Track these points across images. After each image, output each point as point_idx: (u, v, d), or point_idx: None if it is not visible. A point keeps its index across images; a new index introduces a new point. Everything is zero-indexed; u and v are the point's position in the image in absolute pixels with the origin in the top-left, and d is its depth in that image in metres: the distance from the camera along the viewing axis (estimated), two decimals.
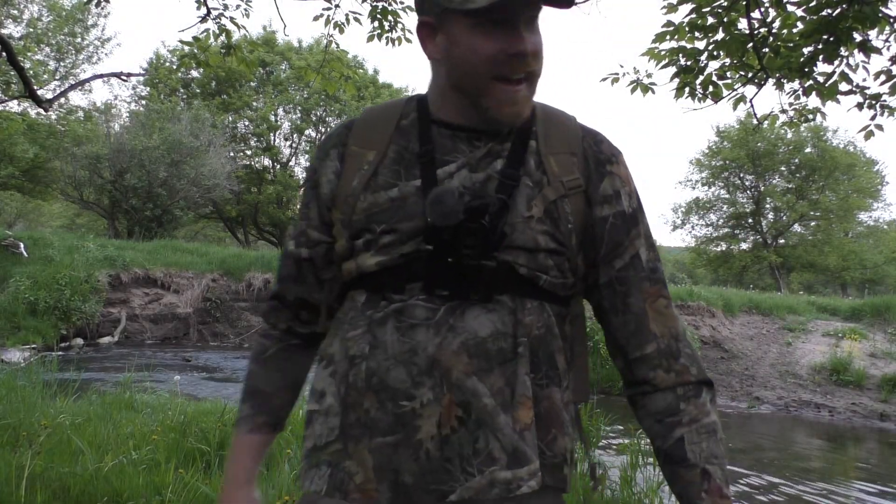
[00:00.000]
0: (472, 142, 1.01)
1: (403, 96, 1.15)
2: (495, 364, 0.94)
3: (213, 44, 5.44)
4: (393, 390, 0.94)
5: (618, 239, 1.04)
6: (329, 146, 1.09)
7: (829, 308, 14.99)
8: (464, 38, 0.96)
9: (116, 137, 22.63)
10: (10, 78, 15.36)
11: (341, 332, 1.03)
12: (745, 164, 29.39)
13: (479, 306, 0.95)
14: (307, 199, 1.11)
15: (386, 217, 0.99)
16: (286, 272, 1.13)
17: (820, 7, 3.74)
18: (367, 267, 0.99)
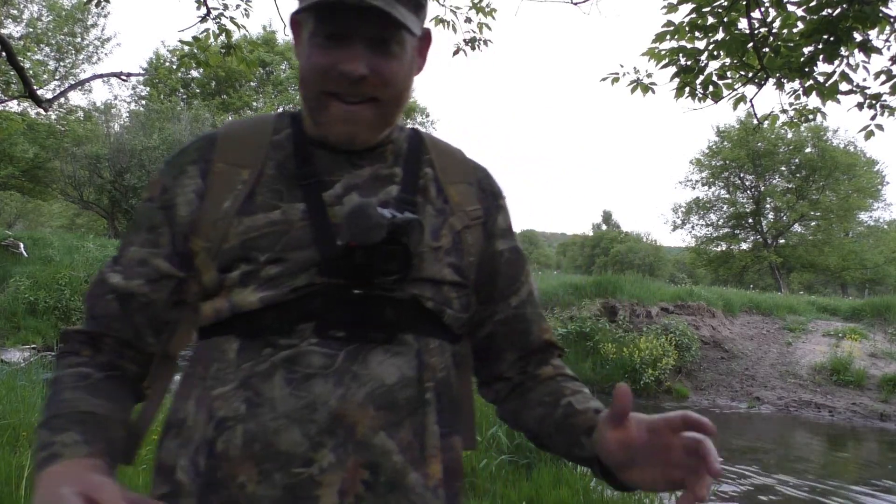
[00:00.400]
0: (354, 161, 0.91)
1: (272, 112, 1.02)
2: (404, 415, 0.84)
3: (213, 44, 5.44)
4: (285, 456, 0.78)
5: (514, 274, 1.00)
6: (185, 161, 0.91)
7: (830, 308, 14.99)
8: (306, 46, 0.87)
9: (116, 137, 22.64)
10: (10, 78, 15.36)
11: (197, 390, 0.84)
12: (746, 164, 29.40)
13: (381, 349, 0.83)
14: (153, 223, 0.89)
15: (268, 244, 0.83)
16: (106, 310, 0.88)
17: (820, 7, 3.74)
18: (248, 305, 0.82)
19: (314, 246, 0.84)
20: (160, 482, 0.85)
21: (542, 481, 4.37)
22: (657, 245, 55.94)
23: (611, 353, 11.53)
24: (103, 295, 0.89)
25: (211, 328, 0.86)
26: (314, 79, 0.86)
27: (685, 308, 13.49)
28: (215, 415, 0.81)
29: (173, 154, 0.94)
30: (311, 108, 0.89)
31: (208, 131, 0.96)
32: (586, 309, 12.82)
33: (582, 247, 61.26)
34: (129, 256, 0.90)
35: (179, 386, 0.89)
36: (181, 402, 0.87)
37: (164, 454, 0.86)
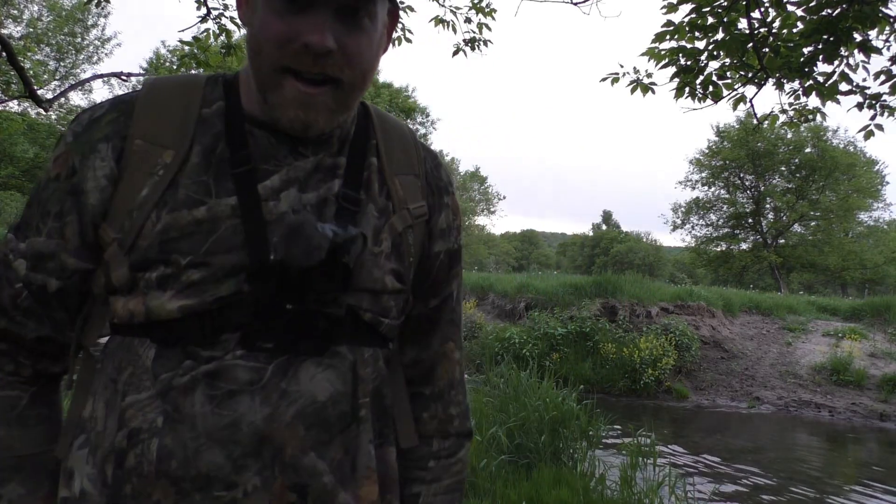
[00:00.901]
0: (297, 148, 0.80)
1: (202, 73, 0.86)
2: (336, 433, 0.78)
3: (214, 44, 5.45)
4: (204, 478, 0.72)
5: (441, 277, 0.94)
6: (97, 137, 0.78)
7: (829, 308, 15.00)
8: (259, 9, 0.75)
9: None
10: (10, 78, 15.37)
11: (107, 392, 0.77)
12: (745, 164, 29.40)
13: (312, 361, 0.77)
14: (59, 208, 0.78)
15: (191, 245, 0.74)
16: (24, 302, 0.79)
17: (820, 7, 3.74)
18: (166, 313, 0.74)
19: (244, 249, 0.75)
20: (62, 484, 0.78)
21: (542, 481, 4.37)
22: (657, 245, 55.96)
23: (611, 353, 11.54)
24: (13, 284, 0.79)
25: (123, 327, 0.77)
26: (269, 51, 0.74)
27: (685, 308, 13.49)
28: (127, 424, 0.74)
29: (82, 121, 0.80)
30: (261, 85, 0.77)
31: (123, 95, 0.82)
32: (586, 309, 12.82)
33: (582, 247, 61.25)
34: (36, 247, 0.79)
35: (84, 380, 0.81)
36: (86, 399, 0.80)
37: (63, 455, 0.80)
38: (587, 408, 5.82)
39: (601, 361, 11.63)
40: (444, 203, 0.93)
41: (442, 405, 0.96)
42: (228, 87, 0.82)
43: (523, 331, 12.21)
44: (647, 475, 4.98)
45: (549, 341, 11.93)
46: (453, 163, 42.86)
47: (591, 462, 5.20)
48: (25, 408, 0.81)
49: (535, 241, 68.14)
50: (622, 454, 5.89)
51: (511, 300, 14.20)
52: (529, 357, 9.77)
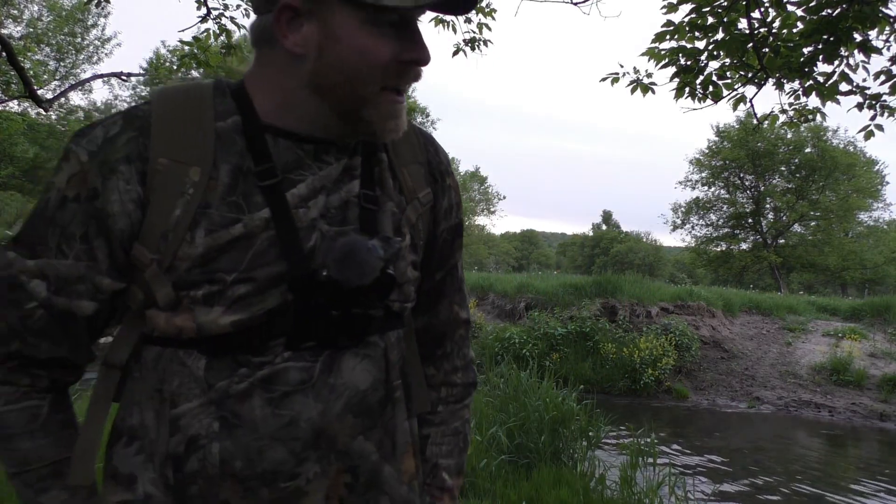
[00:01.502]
0: (320, 156, 0.83)
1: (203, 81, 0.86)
2: (377, 416, 0.86)
3: (213, 44, 5.45)
4: (271, 474, 0.78)
5: (446, 252, 1.01)
6: (116, 157, 0.77)
7: (829, 308, 15.00)
8: (350, 36, 0.77)
9: None
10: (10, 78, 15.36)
11: (154, 402, 0.80)
12: (745, 164, 29.39)
13: (350, 353, 0.83)
14: (84, 231, 0.77)
15: (233, 262, 0.77)
16: (34, 326, 0.78)
17: (820, 7, 3.74)
18: (218, 329, 0.77)
19: (282, 259, 0.79)
20: (118, 489, 0.81)
21: (542, 481, 4.37)
22: (657, 245, 55.94)
23: (611, 353, 11.53)
24: (23, 305, 0.78)
25: (167, 340, 0.80)
26: (373, 72, 0.78)
27: (685, 308, 13.49)
28: (183, 431, 0.78)
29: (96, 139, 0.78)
30: (356, 103, 0.80)
31: (133, 109, 0.80)
32: (586, 309, 12.82)
33: (582, 247, 61.24)
34: (62, 270, 0.78)
35: (127, 392, 0.83)
36: (131, 409, 0.82)
37: (118, 462, 0.82)
38: (587, 408, 5.82)
39: (601, 361, 11.63)
40: (447, 185, 0.99)
41: (447, 360, 1.05)
42: (239, 98, 0.83)
43: (523, 331, 12.21)
44: (647, 475, 4.98)
45: (549, 341, 11.93)
46: (453, 163, 42.83)
47: (591, 462, 5.20)
48: (47, 416, 0.82)
49: (535, 241, 68.12)
50: (622, 454, 5.89)
51: (511, 300, 14.20)
52: (529, 357, 9.77)
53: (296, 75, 0.80)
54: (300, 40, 0.78)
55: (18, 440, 0.80)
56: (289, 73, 0.81)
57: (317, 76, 0.79)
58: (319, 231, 0.81)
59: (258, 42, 0.83)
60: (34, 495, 0.81)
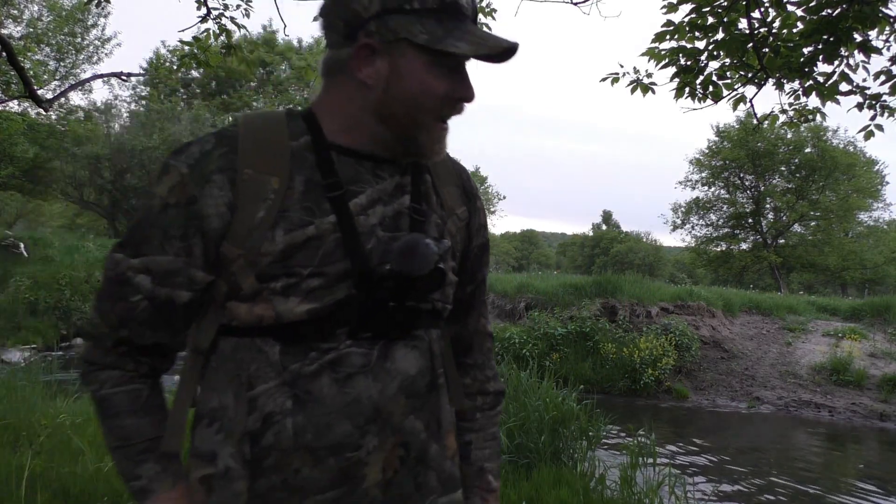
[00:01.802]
0: (376, 172, 0.98)
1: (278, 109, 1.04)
2: (424, 399, 0.99)
3: (213, 44, 5.44)
4: (337, 444, 0.92)
5: (476, 267, 1.16)
6: (210, 169, 0.92)
7: (829, 308, 14.99)
8: (416, 73, 0.93)
9: (116, 137, 22.65)
10: (10, 78, 15.36)
11: (233, 385, 0.92)
12: (745, 164, 29.38)
13: (401, 344, 0.97)
14: (183, 231, 0.92)
15: (307, 259, 0.91)
16: (139, 316, 0.93)
17: (820, 7, 3.74)
18: (295, 316, 0.91)
19: (346, 258, 0.93)
20: (201, 465, 0.94)
21: (542, 481, 4.37)
22: (657, 245, 55.92)
23: (611, 353, 11.53)
24: (129, 297, 0.93)
25: (244, 329, 0.92)
26: (433, 105, 0.94)
27: (685, 308, 13.49)
28: (261, 410, 0.91)
29: (193, 154, 0.93)
30: (415, 129, 0.96)
31: (223, 131, 0.96)
32: (586, 309, 12.82)
33: (582, 247, 61.23)
34: (163, 265, 0.92)
35: (206, 380, 0.96)
36: (211, 395, 0.94)
37: (199, 441, 0.95)
38: (587, 408, 5.81)
39: (601, 361, 11.63)
40: (477, 207, 1.15)
41: (480, 371, 1.19)
42: (308, 121, 0.99)
43: (523, 331, 12.21)
44: (647, 475, 4.98)
45: (549, 341, 11.92)
46: None
47: (591, 462, 5.19)
48: (147, 398, 0.97)
49: (535, 241, 68.12)
50: (622, 454, 5.89)
51: (511, 300, 14.20)
52: (529, 357, 9.76)
53: (362, 102, 0.96)
54: (372, 74, 0.94)
55: (123, 418, 0.94)
56: (356, 100, 0.96)
57: (382, 105, 0.95)
58: (376, 236, 0.96)
59: (330, 72, 0.98)
60: (133, 467, 0.94)
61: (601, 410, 6.00)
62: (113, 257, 0.94)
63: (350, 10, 0.93)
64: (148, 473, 0.94)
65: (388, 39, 0.92)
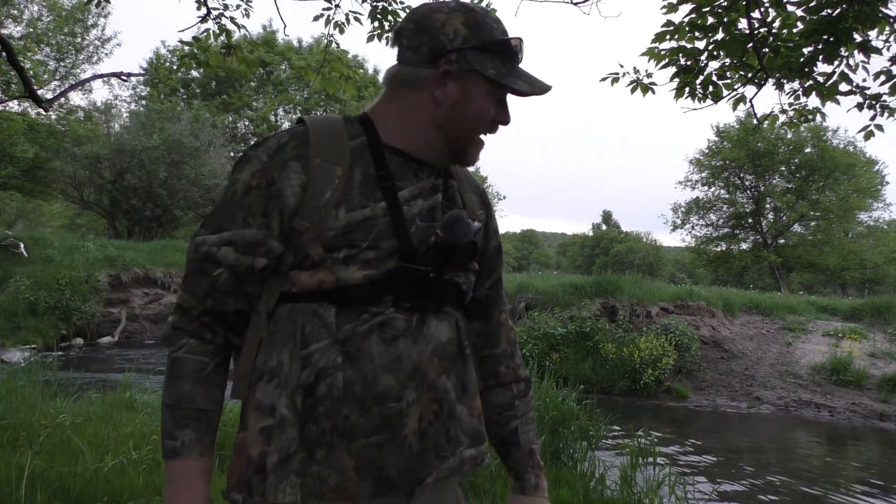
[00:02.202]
0: (417, 172, 1.16)
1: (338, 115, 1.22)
2: (451, 364, 1.14)
3: (213, 44, 5.44)
4: (382, 395, 1.05)
5: (493, 265, 1.33)
6: (287, 157, 1.09)
7: (829, 308, 14.99)
8: (478, 99, 1.14)
9: (116, 137, 22.63)
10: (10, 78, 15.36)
11: (289, 345, 1.06)
12: (745, 164, 29.37)
13: (433, 316, 1.13)
14: (263, 207, 1.08)
15: (364, 234, 1.07)
16: (222, 284, 1.09)
17: (820, 7, 3.73)
18: (353, 280, 1.06)
19: (394, 238, 1.09)
20: (261, 417, 1.06)
21: None
22: (657, 245, 55.92)
23: (611, 353, 11.53)
24: (212, 271, 1.09)
25: (303, 295, 1.07)
26: (484, 124, 1.16)
27: (685, 308, 13.48)
28: (315, 365, 1.05)
29: (272, 146, 1.11)
30: (464, 140, 1.17)
31: (294, 129, 1.14)
32: (586, 309, 12.81)
33: (582, 247, 61.22)
34: (248, 237, 1.08)
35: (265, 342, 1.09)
36: (270, 354, 1.07)
37: (261, 396, 1.07)
38: (587, 408, 5.81)
39: (601, 361, 11.62)
40: (491, 214, 1.33)
41: (511, 359, 1.35)
42: (365, 125, 1.16)
43: (523, 331, 12.21)
44: (647, 475, 4.97)
45: (549, 341, 11.92)
46: None
47: (591, 462, 5.19)
48: (210, 373, 1.10)
49: (535, 241, 68.11)
50: (622, 454, 5.89)
51: (511, 300, 14.19)
52: (529, 357, 9.76)
53: (428, 115, 1.15)
54: (444, 93, 1.13)
55: (184, 382, 1.08)
56: (423, 113, 1.15)
57: (447, 120, 1.14)
58: (416, 224, 1.13)
59: (402, 84, 1.16)
60: (174, 427, 1.07)
61: (601, 410, 6.00)
62: (195, 241, 1.10)
63: (437, 39, 1.12)
64: (183, 438, 1.07)
65: (464, 69, 1.12)
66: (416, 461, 1.09)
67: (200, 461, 1.07)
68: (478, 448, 1.19)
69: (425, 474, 1.10)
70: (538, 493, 1.30)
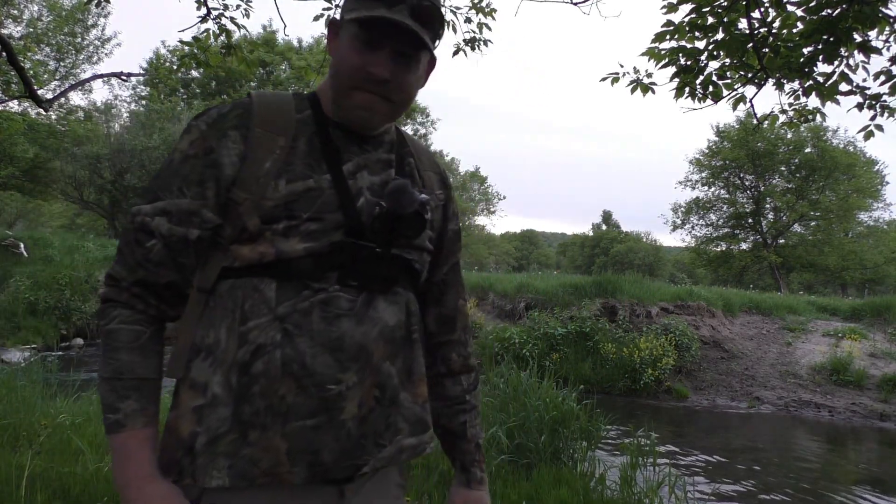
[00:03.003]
0: (362, 145, 1.13)
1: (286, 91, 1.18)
2: (398, 349, 1.10)
3: (213, 44, 5.44)
4: (319, 375, 1.01)
5: (451, 249, 1.30)
6: (227, 126, 1.06)
7: (829, 308, 14.99)
8: (345, 46, 1.07)
9: (116, 137, 22.63)
10: (10, 78, 15.35)
11: (227, 320, 1.02)
12: (745, 164, 29.37)
13: (382, 297, 1.08)
14: (199, 177, 1.05)
15: (306, 206, 1.03)
16: (156, 255, 1.05)
17: (820, 7, 3.73)
18: (293, 252, 1.02)
19: (339, 210, 1.05)
20: (195, 395, 1.02)
21: (542, 481, 4.37)
22: (657, 245, 55.91)
23: (611, 352, 11.53)
24: (146, 241, 1.05)
25: (245, 269, 1.03)
26: (348, 73, 1.07)
27: (685, 308, 13.48)
28: (252, 342, 1.00)
29: (212, 115, 1.08)
30: (338, 95, 1.09)
31: (238, 100, 1.11)
32: (586, 309, 12.81)
33: (582, 247, 61.21)
34: (182, 206, 1.04)
35: (204, 318, 1.05)
36: (208, 331, 1.03)
37: (195, 373, 1.03)
38: (587, 408, 5.81)
39: (601, 361, 11.62)
40: (451, 196, 1.30)
41: (464, 347, 1.32)
42: (311, 101, 1.14)
43: (523, 331, 12.20)
44: (647, 475, 4.98)
45: (549, 341, 11.92)
46: (453, 163, 42.83)
47: (591, 462, 5.19)
48: (147, 341, 1.06)
49: (535, 241, 68.11)
50: (622, 454, 5.89)
51: (511, 300, 14.19)
52: (529, 357, 9.76)
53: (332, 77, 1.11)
54: (331, 48, 1.10)
55: (121, 353, 1.04)
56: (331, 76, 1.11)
57: (329, 77, 1.11)
58: (365, 198, 1.09)
59: None
60: (115, 400, 1.02)
61: (601, 410, 6.00)
62: (131, 211, 1.07)
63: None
64: (126, 409, 1.02)
65: (342, 18, 1.09)
66: (354, 447, 1.04)
67: (145, 430, 1.03)
68: (419, 437, 1.14)
69: (362, 462, 1.05)
70: (482, 486, 1.30)
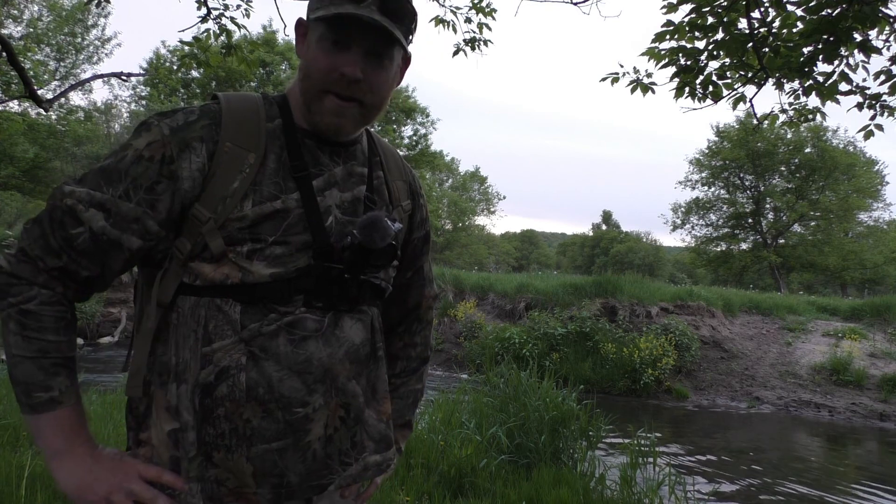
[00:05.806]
0: (332, 156, 1.09)
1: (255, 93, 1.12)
2: (364, 367, 1.10)
3: (214, 44, 5.44)
4: (287, 399, 1.00)
5: (415, 255, 1.29)
6: (192, 137, 0.99)
7: (829, 308, 14.99)
8: (313, 48, 1.03)
9: (116, 137, 22.64)
10: (10, 78, 15.35)
11: (188, 342, 0.99)
12: (745, 164, 29.37)
13: (348, 316, 1.07)
14: (150, 184, 0.97)
15: (272, 229, 1.00)
16: (80, 244, 0.97)
17: (820, 7, 3.73)
18: (259, 277, 0.98)
19: (307, 231, 1.02)
20: (169, 419, 1.00)
21: (542, 481, 4.37)
22: (657, 245, 55.90)
23: (611, 352, 11.53)
24: (72, 228, 0.97)
25: (207, 289, 0.99)
26: (316, 76, 1.02)
27: (685, 308, 13.49)
28: (216, 364, 0.98)
29: (178, 120, 1.00)
30: (308, 100, 1.04)
31: (207, 106, 1.04)
32: (586, 309, 12.81)
33: (582, 247, 61.19)
34: (123, 209, 0.97)
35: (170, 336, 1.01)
36: (168, 349, 1.01)
37: (170, 396, 1.01)
38: (587, 408, 5.81)
39: (601, 361, 11.63)
40: (421, 203, 1.28)
41: (410, 337, 1.34)
42: (282, 106, 1.08)
43: (523, 331, 12.20)
44: (647, 475, 4.97)
45: (549, 341, 11.92)
46: (453, 163, 42.80)
47: (591, 462, 5.19)
48: (70, 320, 1.02)
49: (535, 241, 68.07)
50: (622, 454, 5.88)
51: (511, 300, 14.19)
52: (529, 357, 9.76)
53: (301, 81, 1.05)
54: (300, 50, 1.05)
55: (47, 334, 0.99)
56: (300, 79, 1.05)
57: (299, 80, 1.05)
58: (334, 216, 1.06)
59: None
60: (46, 378, 0.98)
61: (601, 410, 6.00)
62: (63, 188, 0.98)
63: None
64: (60, 386, 0.99)
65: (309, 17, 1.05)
66: (320, 468, 1.04)
67: (79, 406, 1.02)
68: (383, 454, 1.14)
69: (327, 481, 1.05)
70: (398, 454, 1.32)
